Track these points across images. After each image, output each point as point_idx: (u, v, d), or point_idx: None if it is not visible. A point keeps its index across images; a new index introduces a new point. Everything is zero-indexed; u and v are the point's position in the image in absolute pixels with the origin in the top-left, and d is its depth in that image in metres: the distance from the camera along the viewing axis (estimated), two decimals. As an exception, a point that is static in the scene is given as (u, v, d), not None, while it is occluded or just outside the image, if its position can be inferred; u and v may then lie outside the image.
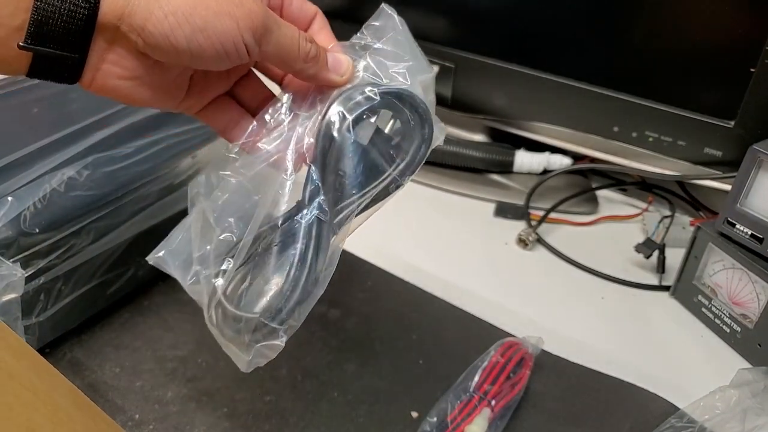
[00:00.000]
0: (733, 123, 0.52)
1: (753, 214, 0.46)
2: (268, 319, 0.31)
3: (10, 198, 0.44)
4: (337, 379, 0.45)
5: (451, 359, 0.46)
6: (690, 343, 0.50)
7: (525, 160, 0.67)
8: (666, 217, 0.61)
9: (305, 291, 0.31)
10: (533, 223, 0.61)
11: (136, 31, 0.28)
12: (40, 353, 0.28)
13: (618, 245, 0.60)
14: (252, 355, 0.31)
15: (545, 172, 0.68)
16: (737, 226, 0.47)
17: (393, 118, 0.33)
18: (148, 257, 0.34)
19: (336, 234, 0.31)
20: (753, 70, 0.49)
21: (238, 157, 0.32)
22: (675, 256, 0.56)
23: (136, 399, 0.43)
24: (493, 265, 0.58)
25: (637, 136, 0.58)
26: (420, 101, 0.32)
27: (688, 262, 0.52)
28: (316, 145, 0.31)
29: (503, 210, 0.65)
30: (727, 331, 0.49)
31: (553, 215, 0.63)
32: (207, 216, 0.32)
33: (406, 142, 0.32)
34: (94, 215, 0.45)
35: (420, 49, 0.34)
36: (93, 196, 0.46)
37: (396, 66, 0.32)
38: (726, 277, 0.49)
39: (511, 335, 0.48)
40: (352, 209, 0.31)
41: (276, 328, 0.31)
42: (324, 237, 0.31)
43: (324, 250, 0.31)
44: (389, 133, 0.33)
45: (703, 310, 0.51)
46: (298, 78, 0.33)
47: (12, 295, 0.41)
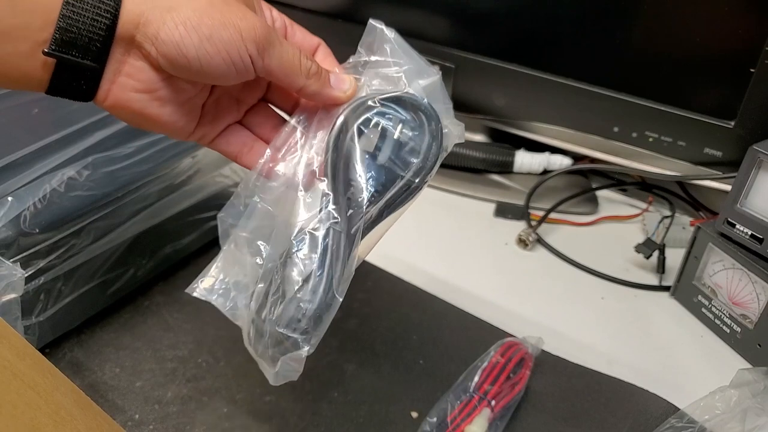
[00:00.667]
0: (733, 123, 0.52)
1: (753, 214, 0.46)
2: (289, 331, 0.31)
3: (10, 198, 0.44)
4: (337, 379, 0.45)
5: (451, 359, 0.46)
6: (690, 344, 0.50)
7: (525, 160, 0.67)
8: (666, 217, 0.61)
9: (323, 301, 0.31)
10: (533, 223, 0.61)
11: (150, 40, 0.29)
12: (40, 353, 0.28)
13: (618, 245, 0.60)
14: (278, 368, 0.32)
15: (545, 172, 0.68)
16: (737, 227, 0.47)
17: (400, 122, 0.33)
18: (187, 289, 0.36)
19: (354, 244, 0.32)
20: (753, 71, 0.49)
21: (258, 183, 0.34)
22: (675, 257, 0.56)
23: (136, 399, 0.43)
24: (493, 265, 0.58)
25: (637, 136, 0.58)
26: (421, 101, 0.32)
27: (688, 262, 0.52)
28: (326, 159, 0.32)
29: (503, 210, 0.65)
30: (727, 331, 0.49)
31: (553, 215, 0.63)
32: (239, 243, 0.34)
33: (418, 144, 0.33)
34: (94, 215, 0.45)
35: (416, 52, 0.35)
36: (93, 197, 0.46)
37: (393, 72, 0.34)
38: (726, 277, 0.49)
39: (511, 335, 0.48)
40: (368, 217, 0.32)
41: (298, 339, 0.31)
42: (340, 247, 0.31)
43: (341, 260, 0.31)
44: (399, 139, 0.33)
45: (703, 310, 0.51)
46: (303, 96, 0.34)
47: (12, 295, 0.41)
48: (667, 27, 0.53)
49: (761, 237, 0.45)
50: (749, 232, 0.46)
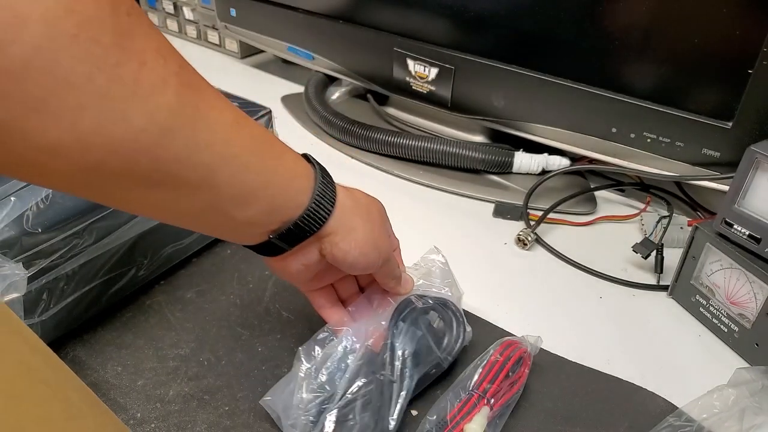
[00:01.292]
0: (731, 124, 0.52)
1: (751, 214, 0.46)
2: None
3: (12, 198, 0.44)
4: (337, 378, 0.45)
5: (451, 358, 0.47)
6: (688, 343, 0.50)
7: (524, 160, 0.68)
8: (664, 217, 0.61)
9: None
10: (532, 223, 0.61)
11: (331, 244, 0.38)
12: (44, 351, 0.28)
13: (616, 245, 0.61)
14: None
15: (544, 172, 0.68)
16: (735, 227, 0.47)
17: (439, 317, 0.46)
18: (260, 401, 0.42)
19: (404, 391, 0.41)
20: (751, 72, 0.50)
21: (328, 333, 0.44)
22: (673, 256, 0.56)
23: (137, 398, 0.44)
24: (492, 265, 0.58)
25: (636, 137, 0.58)
26: (456, 308, 0.46)
27: (685, 262, 0.52)
28: (389, 330, 0.43)
29: (502, 210, 0.65)
30: (725, 330, 0.50)
31: (551, 215, 0.63)
32: (309, 371, 0.42)
33: (447, 335, 0.45)
34: (97, 215, 0.45)
35: (455, 277, 0.49)
36: (95, 196, 0.46)
37: (440, 285, 0.47)
38: (723, 277, 0.49)
39: (510, 334, 0.49)
40: (414, 377, 0.42)
41: None
42: (393, 395, 0.40)
43: (393, 405, 0.40)
44: (436, 328, 0.46)
45: (701, 309, 0.52)
46: (382, 285, 0.45)
47: (14, 295, 0.42)
48: (665, 28, 0.53)
49: (759, 237, 0.46)
50: (747, 232, 0.46)
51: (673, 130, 0.56)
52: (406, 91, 0.73)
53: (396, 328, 0.43)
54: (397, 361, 0.42)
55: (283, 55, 0.85)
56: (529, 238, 0.59)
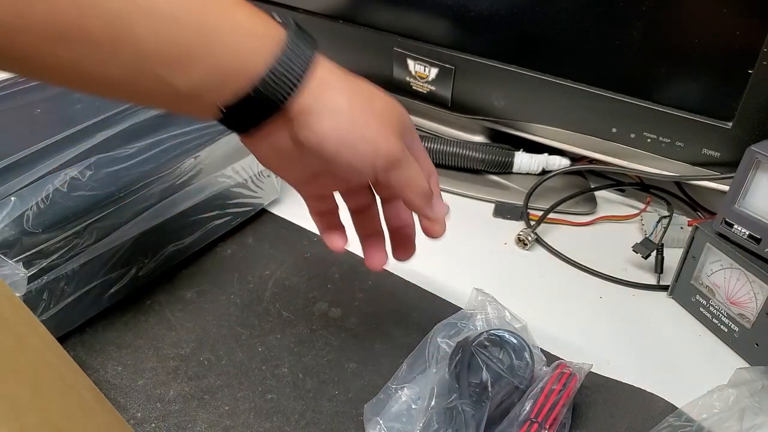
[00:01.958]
0: (731, 124, 0.52)
1: (751, 214, 0.46)
2: None
3: (13, 198, 0.44)
4: (338, 378, 0.46)
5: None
6: (688, 343, 0.50)
7: (524, 160, 0.68)
8: (664, 217, 0.61)
9: None
10: (532, 223, 0.61)
11: (303, 124, 0.32)
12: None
13: (616, 245, 0.61)
14: None
15: (544, 172, 0.68)
16: (735, 227, 0.47)
17: (505, 347, 0.45)
18: None
19: (482, 422, 0.40)
20: (751, 72, 0.50)
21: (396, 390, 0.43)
22: (673, 256, 0.56)
23: (138, 397, 0.44)
24: (492, 265, 0.58)
25: (636, 137, 0.58)
26: (519, 338, 0.45)
27: (686, 262, 0.52)
28: (454, 362, 0.43)
29: (502, 210, 0.65)
30: (725, 330, 0.50)
31: (551, 215, 0.63)
32: (383, 424, 0.41)
33: (516, 363, 0.44)
34: (97, 215, 0.46)
35: (510, 310, 0.48)
36: (96, 196, 0.46)
37: (496, 320, 0.47)
38: (724, 277, 0.49)
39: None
40: (488, 406, 0.40)
41: None
42: (469, 423, 0.40)
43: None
44: (501, 357, 0.44)
45: (701, 309, 0.52)
46: (404, 203, 0.38)
47: (15, 295, 0.42)
48: (665, 28, 0.53)
49: (759, 237, 0.46)
50: (747, 232, 0.46)
51: (673, 130, 0.56)
52: (406, 91, 0.73)
53: (456, 368, 0.42)
54: (467, 389, 0.41)
55: (284, 55, 0.85)
56: (530, 238, 0.59)
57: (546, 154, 0.68)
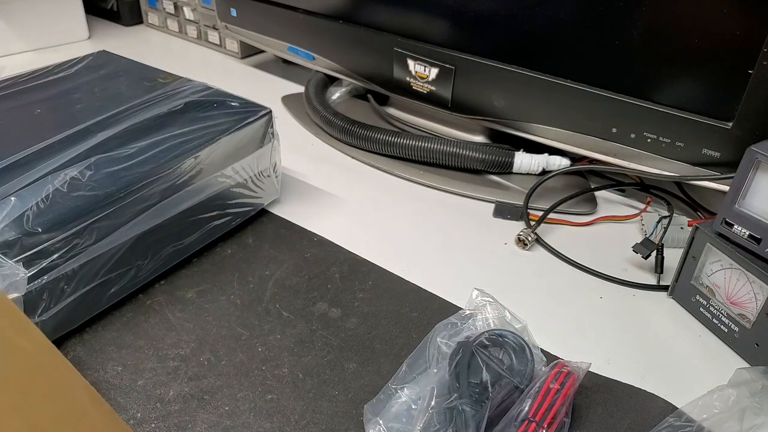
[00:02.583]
0: (731, 124, 0.52)
1: (751, 214, 0.46)
2: None
3: (13, 198, 0.44)
4: (338, 378, 0.46)
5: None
6: (688, 343, 0.50)
7: (524, 161, 0.68)
8: (664, 217, 0.61)
9: None
10: (532, 223, 0.61)
11: None
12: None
13: (616, 245, 0.61)
14: None
15: (544, 172, 0.68)
16: (735, 227, 0.47)
17: (500, 348, 0.45)
18: None
19: (482, 422, 0.40)
20: (751, 72, 0.50)
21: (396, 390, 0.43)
22: (673, 257, 0.56)
23: (137, 397, 0.44)
24: (492, 265, 0.58)
25: (636, 137, 0.58)
26: (519, 338, 0.45)
27: (686, 262, 0.52)
28: (454, 362, 0.42)
29: (502, 210, 0.65)
30: (725, 330, 0.50)
31: (551, 216, 0.63)
32: (382, 425, 0.41)
33: (516, 363, 0.44)
34: (97, 215, 0.46)
35: (510, 310, 0.47)
36: (95, 197, 0.46)
37: (495, 320, 0.47)
38: (724, 277, 0.49)
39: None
40: (488, 406, 0.41)
41: None
42: (469, 423, 0.40)
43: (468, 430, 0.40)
44: (500, 358, 0.45)
45: (701, 310, 0.52)
46: None
47: (15, 295, 0.42)
48: (665, 28, 0.53)
49: (759, 237, 0.46)
50: (747, 233, 0.46)
51: (673, 130, 0.56)
52: (406, 91, 0.73)
53: (456, 368, 0.42)
54: (467, 389, 0.41)
55: (284, 55, 0.85)
56: (530, 238, 0.59)
57: (546, 154, 0.68)
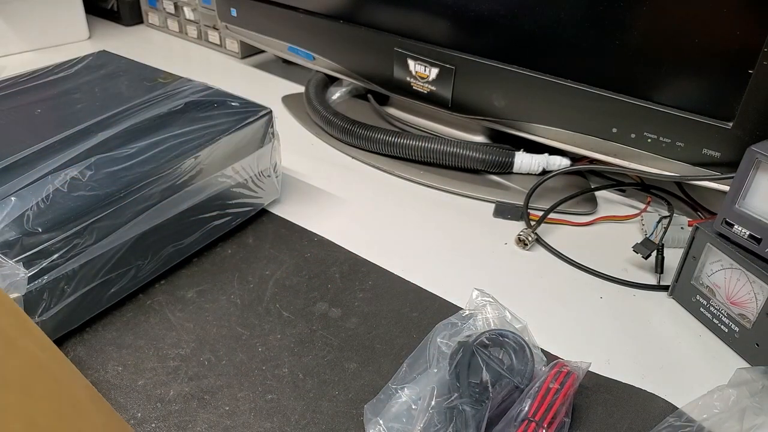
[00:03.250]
0: (731, 124, 0.52)
1: (751, 214, 0.46)
2: None
3: (13, 198, 0.44)
4: (338, 378, 0.46)
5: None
6: (688, 343, 0.50)
7: (524, 160, 0.68)
8: (664, 217, 0.61)
9: None
10: (532, 223, 0.61)
11: None
12: (45, 351, 0.29)
13: (616, 245, 0.61)
14: None
15: (544, 172, 0.68)
16: (735, 227, 0.47)
17: (500, 348, 0.45)
18: None
19: (482, 422, 0.40)
20: (751, 72, 0.50)
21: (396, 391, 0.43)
22: (673, 257, 0.56)
23: (138, 397, 0.44)
24: (492, 265, 0.58)
25: (636, 137, 0.58)
26: (519, 338, 0.45)
27: (686, 262, 0.52)
28: (455, 362, 0.42)
29: (503, 210, 0.65)
30: (725, 330, 0.50)
31: (552, 215, 0.63)
32: (383, 425, 0.41)
33: (516, 363, 0.44)
34: (97, 215, 0.46)
35: (510, 310, 0.47)
36: (96, 197, 0.46)
37: (496, 320, 0.47)
38: (724, 277, 0.49)
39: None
40: (488, 406, 0.41)
41: None
42: (469, 423, 0.40)
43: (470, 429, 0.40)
44: (500, 358, 0.45)
45: (702, 309, 0.52)
46: None
47: (15, 295, 0.42)
48: (666, 28, 0.53)
49: (759, 237, 0.46)
50: (747, 233, 0.46)
51: (673, 130, 0.56)
52: (406, 91, 0.73)
53: (457, 368, 0.42)
54: (467, 389, 0.41)
55: (284, 55, 0.85)
56: (530, 238, 0.59)
57: (546, 154, 0.68)
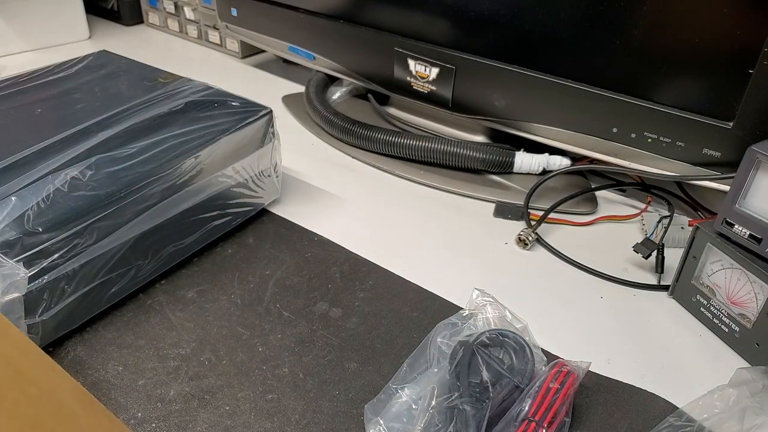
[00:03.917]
0: (731, 124, 0.52)
1: (751, 214, 0.46)
2: None
3: (13, 198, 0.44)
4: (338, 378, 0.46)
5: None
6: (688, 343, 0.50)
7: (525, 160, 0.68)
8: (665, 217, 0.61)
9: None
10: (533, 223, 0.61)
11: None
12: (44, 351, 0.28)
13: (617, 245, 0.61)
14: None
15: (545, 172, 0.68)
16: (736, 227, 0.47)
17: (501, 348, 0.45)
18: None
19: (482, 421, 0.40)
20: (752, 72, 0.50)
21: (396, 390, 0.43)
22: (673, 256, 0.56)
23: (138, 397, 0.44)
24: (492, 265, 0.58)
25: (636, 137, 0.58)
26: (520, 338, 0.45)
27: (686, 262, 0.52)
28: (455, 361, 0.42)
29: (503, 210, 0.65)
30: (726, 330, 0.50)
31: (552, 215, 0.63)
32: (383, 424, 0.41)
33: (517, 362, 0.44)
34: (97, 215, 0.46)
35: (511, 309, 0.47)
36: (96, 196, 0.46)
37: (496, 320, 0.47)
38: (724, 276, 0.49)
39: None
40: (489, 406, 0.41)
41: None
42: (469, 423, 0.40)
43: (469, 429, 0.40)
44: (500, 357, 0.45)
45: (702, 309, 0.52)
46: None
47: (15, 294, 0.42)
48: (666, 28, 0.53)
49: (760, 237, 0.46)
50: (747, 232, 0.46)
51: (673, 130, 0.56)
52: (406, 91, 0.73)
53: (457, 368, 0.42)
54: (467, 388, 0.41)
55: (284, 55, 0.85)
56: (530, 238, 0.59)
57: (546, 154, 0.68)
